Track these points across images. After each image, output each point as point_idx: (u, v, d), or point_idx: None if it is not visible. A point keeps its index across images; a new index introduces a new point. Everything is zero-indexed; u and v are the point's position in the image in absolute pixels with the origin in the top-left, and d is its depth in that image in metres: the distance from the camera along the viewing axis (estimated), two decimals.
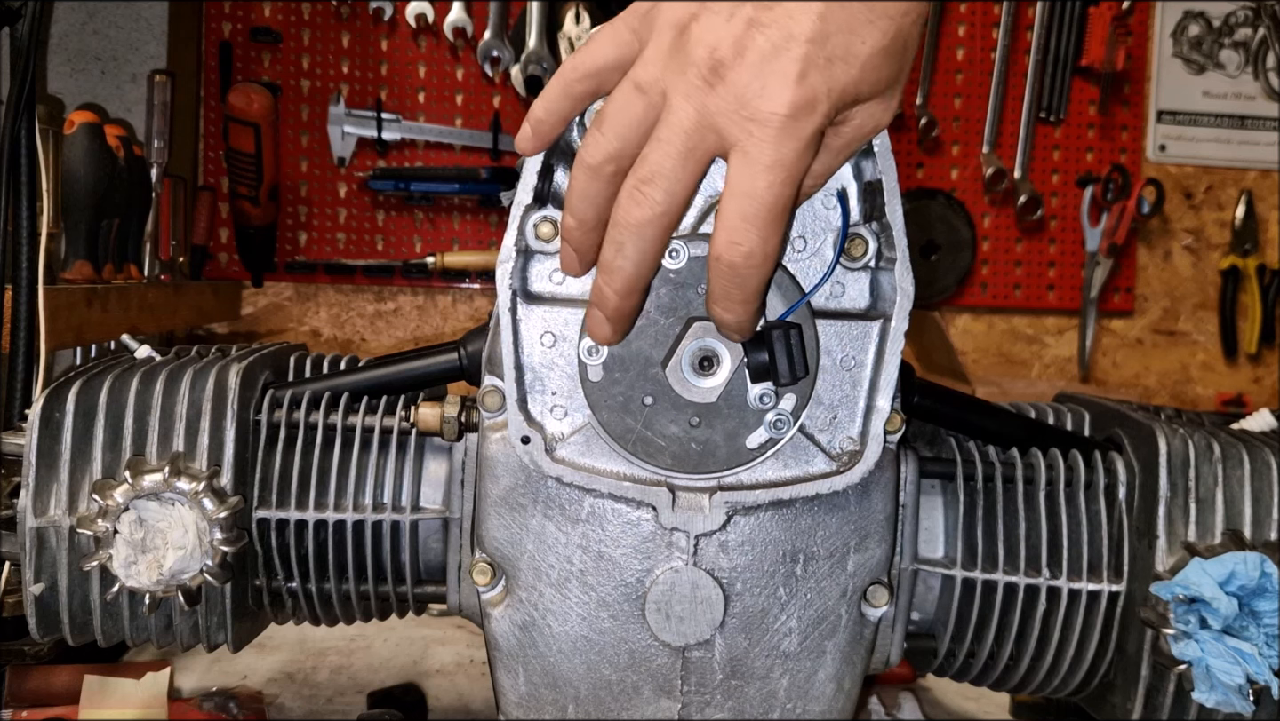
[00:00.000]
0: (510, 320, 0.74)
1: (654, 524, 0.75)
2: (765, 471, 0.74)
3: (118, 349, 0.95)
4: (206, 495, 0.78)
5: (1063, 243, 2.42)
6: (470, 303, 2.31)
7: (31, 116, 1.31)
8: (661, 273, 0.72)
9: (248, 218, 2.12)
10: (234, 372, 0.83)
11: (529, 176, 0.73)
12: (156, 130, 1.83)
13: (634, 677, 0.77)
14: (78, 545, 0.80)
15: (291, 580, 0.85)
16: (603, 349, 0.72)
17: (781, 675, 0.78)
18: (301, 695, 1.26)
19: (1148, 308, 2.50)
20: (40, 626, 0.83)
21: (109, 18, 1.95)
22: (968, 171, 2.38)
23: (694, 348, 0.71)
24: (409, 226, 2.25)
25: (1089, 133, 2.41)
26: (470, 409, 0.84)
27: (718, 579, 0.75)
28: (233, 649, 0.86)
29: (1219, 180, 2.49)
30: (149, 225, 1.78)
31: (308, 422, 0.85)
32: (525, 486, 0.76)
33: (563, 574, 0.76)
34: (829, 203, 0.74)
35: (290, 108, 2.21)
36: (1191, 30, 2.46)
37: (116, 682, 1.14)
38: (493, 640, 0.78)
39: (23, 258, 1.27)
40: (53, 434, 0.81)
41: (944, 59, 2.36)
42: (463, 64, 2.24)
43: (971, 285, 2.40)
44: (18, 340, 1.25)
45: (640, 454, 0.73)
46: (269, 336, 2.25)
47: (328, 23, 2.21)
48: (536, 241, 0.74)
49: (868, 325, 0.74)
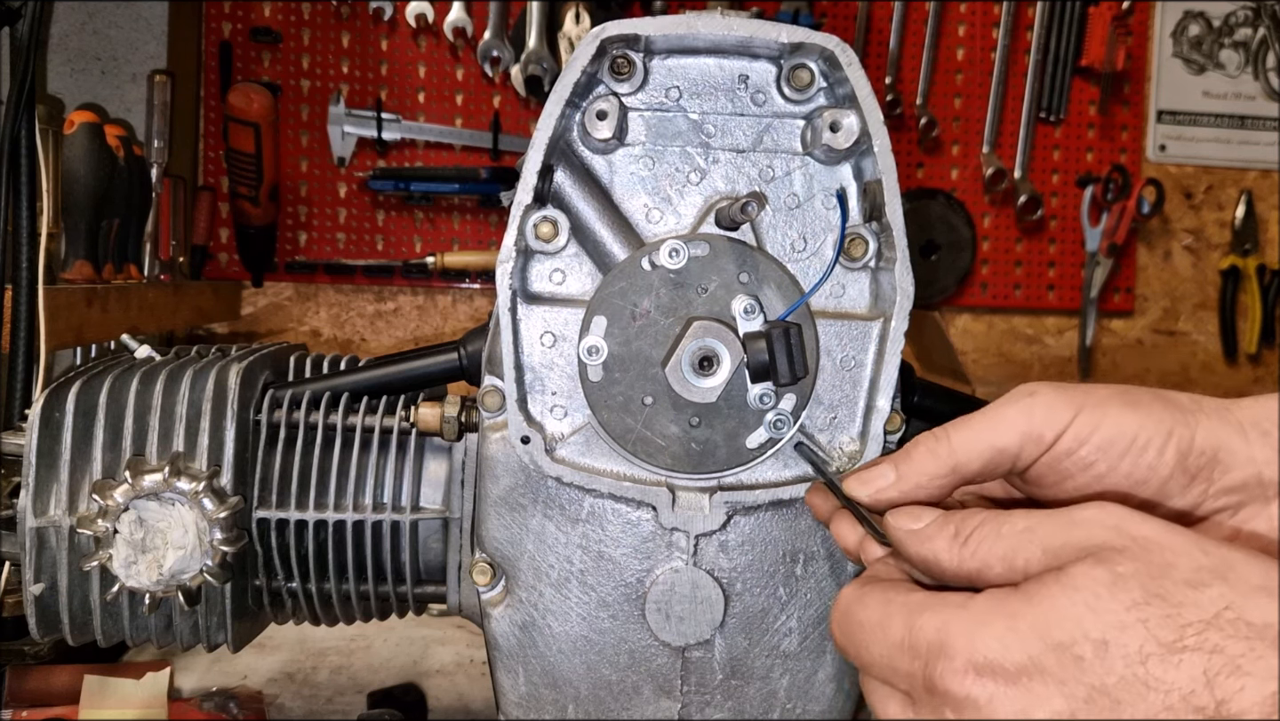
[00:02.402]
0: (510, 320, 0.74)
1: (654, 524, 0.75)
2: (765, 471, 0.74)
3: (118, 349, 0.95)
4: (206, 495, 0.78)
5: (1063, 243, 2.42)
6: (470, 303, 2.31)
7: (31, 116, 1.31)
8: (661, 273, 0.72)
9: (248, 218, 2.12)
10: (234, 373, 0.83)
11: (529, 176, 0.73)
12: (156, 130, 1.83)
13: (634, 677, 0.77)
14: (78, 545, 0.80)
15: (291, 580, 0.85)
16: (603, 348, 0.72)
17: (781, 675, 0.78)
18: (301, 695, 1.26)
19: (1148, 308, 2.50)
20: (40, 626, 0.83)
21: (109, 18, 1.95)
22: (968, 171, 2.38)
23: (694, 347, 0.71)
24: (409, 226, 2.25)
25: (1089, 133, 2.41)
26: (470, 409, 0.84)
27: (718, 579, 0.75)
28: (233, 649, 0.86)
29: (1219, 180, 2.49)
30: (149, 225, 1.78)
31: (308, 422, 0.85)
32: (525, 486, 0.76)
33: (563, 574, 0.76)
34: (829, 203, 0.74)
35: (290, 108, 2.21)
36: (1191, 30, 2.46)
37: (116, 682, 1.14)
38: (493, 640, 0.78)
39: (23, 258, 1.27)
40: (53, 434, 0.81)
41: (944, 59, 2.36)
42: (463, 64, 2.24)
43: (971, 285, 2.40)
44: (18, 340, 1.25)
45: (640, 454, 0.73)
46: (269, 336, 2.25)
47: (328, 23, 2.21)
48: (536, 241, 0.74)
49: (868, 325, 0.74)
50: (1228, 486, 0.58)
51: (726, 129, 0.75)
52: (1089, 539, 0.49)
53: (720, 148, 0.75)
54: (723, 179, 0.75)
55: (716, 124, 0.75)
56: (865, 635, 0.54)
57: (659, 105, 0.75)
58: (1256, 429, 0.57)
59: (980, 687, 0.48)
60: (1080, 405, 0.57)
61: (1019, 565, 0.50)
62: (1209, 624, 0.45)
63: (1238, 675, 0.43)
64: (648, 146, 0.75)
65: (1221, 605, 0.45)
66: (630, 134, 0.75)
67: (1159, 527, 0.48)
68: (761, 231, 0.74)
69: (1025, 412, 0.58)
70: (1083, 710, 0.46)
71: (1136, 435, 0.57)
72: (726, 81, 0.75)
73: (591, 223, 0.74)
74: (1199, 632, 0.44)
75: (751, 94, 0.75)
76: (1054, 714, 0.46)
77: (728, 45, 0.74)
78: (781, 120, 0.75)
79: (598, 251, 0.74)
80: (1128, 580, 0.46)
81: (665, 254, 0.72)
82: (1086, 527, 0.49)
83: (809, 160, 0.75)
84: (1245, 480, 0.57)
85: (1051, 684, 0.47)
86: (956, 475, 0.59)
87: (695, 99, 0.75)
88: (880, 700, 0.54)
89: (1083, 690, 0.46)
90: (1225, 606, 0.45)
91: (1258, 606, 0.45)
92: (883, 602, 0.53)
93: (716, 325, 0.70)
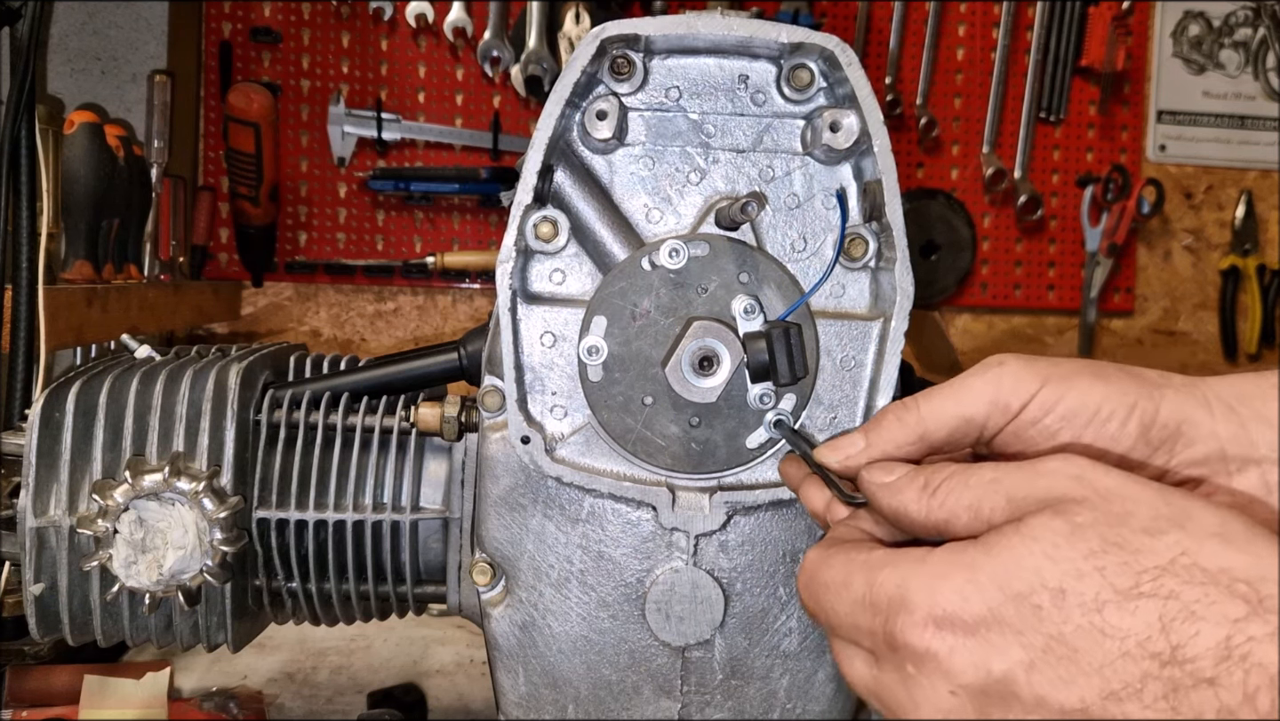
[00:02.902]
0: (510, 320, 0.74)
1: (654, 524, 0.75)
2: (765, 471, 0.74)
3: (118, 349, 0.95)
4: (206, 495, 0.78)
5: (1063, 243, 2.42)
6: (470, 303, 2.31)
7: (31, 116, 1.31)
8: (661, 273, 0.72)
9: (248, 218, 2.12)
10: (234, 373, 0.83)
11: (529, 176, 0.73)
12: (156, 130, 1.83)
13: (634, 677, 0.77)
14: (78, 545, 0.80)
15: (291, 580, 0.85)
16: (603, 348, 0.72)
17: (781, 675, 0.78)
18: (301, 695, 1.26)
19: (1148, 308, 2.50)
20: (40, 626, 0.83)
21: (109, 18, 1.95)
22: (968, 171, 2.38)
23: (694, 347, 0.71)
24: (409, 226, 2.25)
25: (1089, 133, 2.41)
26: (470, 409, 0.84)
27: (718, 579, 0.75)
28: (233, 649, 0.86)
29: (1219, 180, 2.49)
30: (149, 225, 1.78)
31: (308, 422, 0.85)
32: (525, 486, 0.76)
33: (563, 574, 0.76)
34: (829, 203, 0.74)
35: (290, 108, 2.20)
36: (1191, 30, 2.46)
37: (116, 682, 1.14)
38: (493, 640, 0.78)
39: (23, 258, 1.27)
40: (53, 434, 0.81)
41: (944, 59, 2.36)
42: (463, 64, 2.24)
43: (971, 285, 2.40)
44: (18, 340, 1.25)
45: (640, 454, 0.73)
46: (269, 336, 2.25)
47: (328, 23, 2.21)
48: (536, 241, 0.74)
49: (868, 325, 0.74)
50: (1191, 459, 0.58)
51: (726, 129, 0.75)
52: (1051, 489, 0.49)
53: (720, 148, 0.75)
54: (723, 179, 0.75)
55: (716, 124, 0.75)
56: (829, 595, 0.54)
57: (659, 105, 0.75)
58: (1221, 404, 0.58)
59: (939, 640, 0.48)
60: (1047, 376, 0.58)
61: (984, 514, 0.51)
62: (1164, 570, 0.45)
63: (1192, 620, 0.44)
64: (648, 146, 0.75)
65: (1177, 551, 0.45)
66: (630, 134, 0.75)
67: (1120, 478, 0.49)
68: (761, 231, 0.74)
69: (993, 382, 0.59)
70: (1040, 659, 0.46)
71: (1100, 406, 0.57)
72: (726, 81, 0.75)
73: (591, 223, 0.74)
74: (1155, 579, 0.45)
75: (751, 94, 0.75)
76: (1013, 663, 0.47)
77: (728, 45, 0.74)
78: (781, 120, 0.75)
79: (598, 251, 0.74)
80: (1086, 530, 0.47)
81: (665, 254, 0.72)
82: (1050, 477, 0.50)
83: (809, 160, 0.75)
84: (1208, 454, 0.57)
85: (1010, 634, 0.47)
86: (924, 443, 0.60)
87: (695, 99, 0.75)
88: (847, 660, 0.55)
89: (1040, 639, 0.46)
90: (1181, 552, 0.45)
91: (1212, 552, 0.45)
92: (845, 562, 0.54)
93: (716, 325, 0.70)
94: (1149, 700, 0.44)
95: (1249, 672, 0.42)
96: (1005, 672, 0.47)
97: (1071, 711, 0.46)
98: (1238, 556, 0.44)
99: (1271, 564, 0.44)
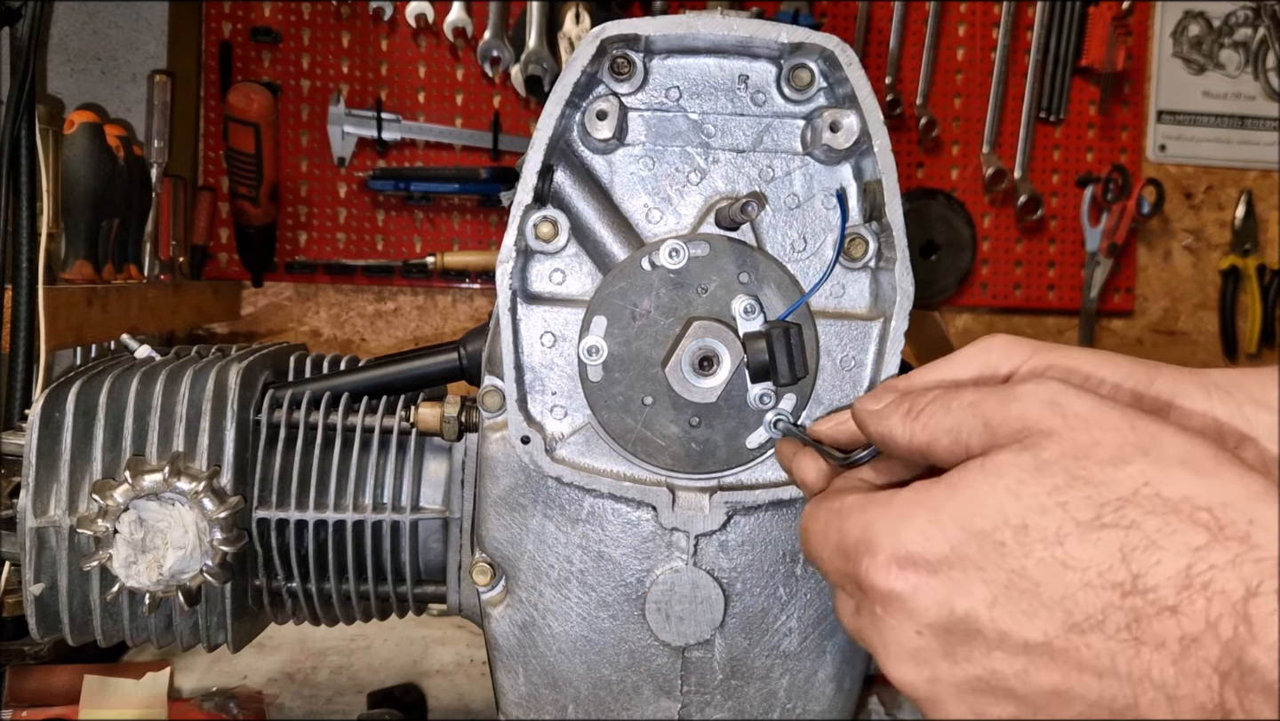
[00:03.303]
0: (510, 320, 0.74)
1: (654, 524, 0.75)
2: (765, 471, 0.74)
3: (118, 349, 0.95)
4: (206, 495, 0.78)
5: (1063, 243, 2.42)
6: (470, 303, 2.31)
7: (31, 116, 1.31)
8: (661, 273, 0.72)
9: (248, 217, 2.12)
10: (234, 373, 0.83)
11: (529, 176, 0.73)
12: (156, 130, 1.83)
13: (634, 677, 0.77)
14: (78, 545, 0.80)
15: (291, 580, 0.85)
16: (603, 348, 0.72)
17: (781, 675, 0.78)
18: (301, 695, 1.26)
19: (1148, 308, 2.50)
20: (40, 626, 0.83)
21: (109, 18, 1.95)
22: (968, 171, 2.38)
23: (694, 347, 0.71)
24: (409, 226, 2.25)
25: (1089, 133, 2.41)
26: (470, 409, 0.84)
27: (718, 579, 0.75)
28: (233, 649, 0.86)
29: (1219, 180, 2.49)
30: (149, 225, 1.78)
31: (308, 422, 0.85)
32: (525, 486, 0.76)
33: (563, 574, 0.76)
34: (829, 203, 0.74)
35: (290, 108, 2.21)
36: (1191, 30, 2.46)
37: (116, 682, 1.14)
38: (493, 640, 0.78)
39: (23, 258, 1.27)
40: (53, 434, 0.81)
41: (944, 59, 2.36)
42: (463, 64, 2.24)
43: (971, 285, 2.40)
44: (18, 340, 1.25)
45: (640, 454, 0.73)
46: (269, 336, 2.25)
47: (328, 23, 2.21)
48: (536, 241, 0.74)
49: (868, 325, 0.74)
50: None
51: (726, 129, 0.75)
52: (1026, 413, 0.49)
53: (720, 148, 0.75)
54: (723, 179, 0.75)
55: (716, 124, 0.75)
56: (815, 545, 0.55)
57: (659, 105, 0.75)
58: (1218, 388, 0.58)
59: (903, 580, 0.49)
60: (1037, 348, 0.59)
61: (963, 439, 0.51)
62: (1126, 500, 0.45)
63: (1153, 550, 0.43)
64: (648, 146, 0.75)
65: (1140, 481, 0.45)
66: (630, 134, 0.75)
67: (1092, 402, 0.49)
68: (761, 231, 0.74)
69: (983, 351, 0.59)
70: (1003, 595, 0.46)
71: (1091, 373, 0.57)
72: (726, 81, 0.75)
73: (591, 223, 0.74)
74: (1116, 510, 0.45)
75: (751, 94, 0.75)
76: (976, 601, 0.47)
77: (728, 45, 0.74)
78: (781, 120, 0.75)
79: (598, 251, 0.74)
80: (1051, 465, 0.47)
81: (665, 254, 0.72)
82: (1024, 401, 0.49)
83: (809, 160, 0.75)
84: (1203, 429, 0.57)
85: (972, 571, 0.47)
86: None
87: (695, 99, 0.75)
88: (839, 607, 0.56)
89: (1003, 575, 0.46)
90: (1144, 482, 0.45)
91: (1174, 480, 0.45)
92: (825, 511, 0.55)
93: (716, 325, 0.70)
94: (1111, 630, 0.44)
95: (1210, 600, 0.42)
96: (968, 610, 0.47)
97: (1035, 644, 0.46)
98: (1201, 483, 0.44)
99: (1236, 490, 0.44)
